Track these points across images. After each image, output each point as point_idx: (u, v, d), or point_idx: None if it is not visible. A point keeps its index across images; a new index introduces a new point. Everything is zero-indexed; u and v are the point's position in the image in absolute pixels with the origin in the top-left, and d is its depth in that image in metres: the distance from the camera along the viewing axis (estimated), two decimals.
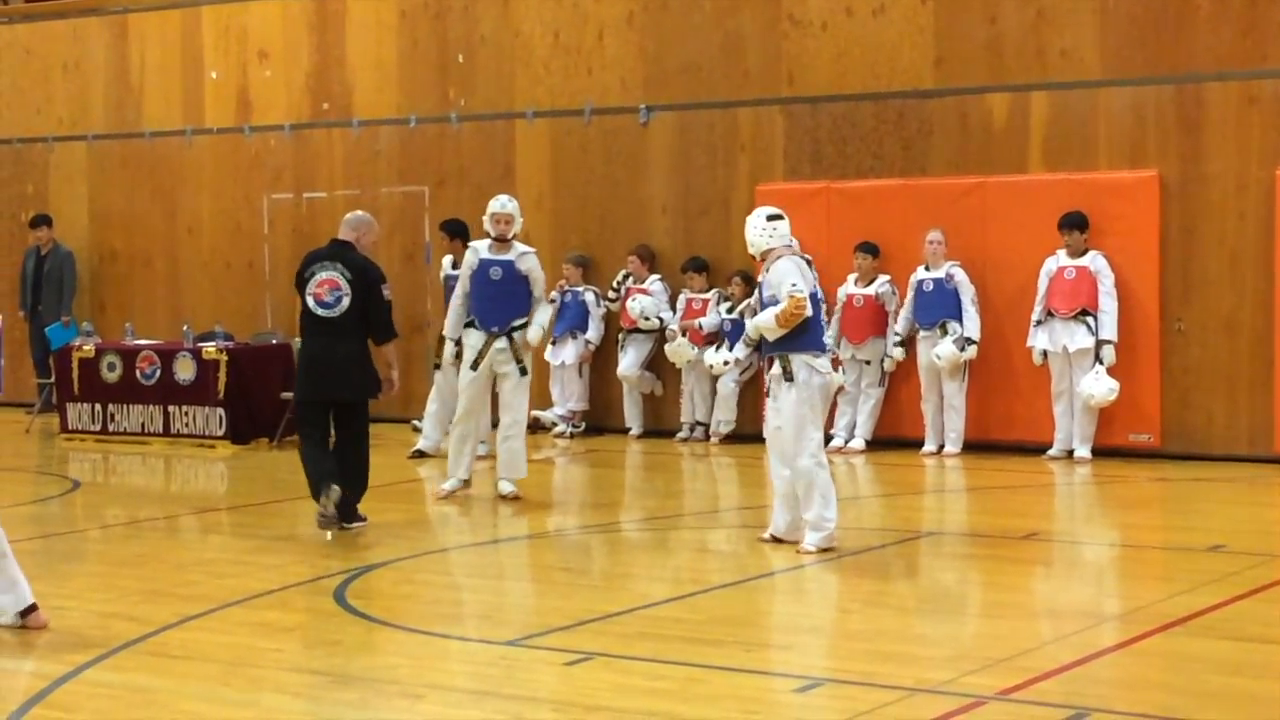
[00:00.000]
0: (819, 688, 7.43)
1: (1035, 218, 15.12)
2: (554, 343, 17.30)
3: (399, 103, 18.70)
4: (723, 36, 16.85)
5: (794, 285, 10.33)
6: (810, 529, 10.56)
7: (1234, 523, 12.14)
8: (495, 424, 16.11)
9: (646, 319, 16.77)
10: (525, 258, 12.95)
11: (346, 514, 11.54)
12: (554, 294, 17.21)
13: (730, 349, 16.24)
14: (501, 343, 12.83)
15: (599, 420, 17.47)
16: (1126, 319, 14.79)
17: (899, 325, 15.62)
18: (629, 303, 16.91)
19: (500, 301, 12.83)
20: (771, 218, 10.81)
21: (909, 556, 10.95)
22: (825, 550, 10.47)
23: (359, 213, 12.32)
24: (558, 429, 17.25)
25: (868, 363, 15.84)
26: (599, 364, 17.44)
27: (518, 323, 12.85)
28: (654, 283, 17.04)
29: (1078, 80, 15.24)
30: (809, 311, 10.43)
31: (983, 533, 11.88)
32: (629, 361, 17.05)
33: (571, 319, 17.29)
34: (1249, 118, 14.67)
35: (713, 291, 16.74)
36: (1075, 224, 14.92)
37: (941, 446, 15.44)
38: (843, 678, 7.63)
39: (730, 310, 16.46)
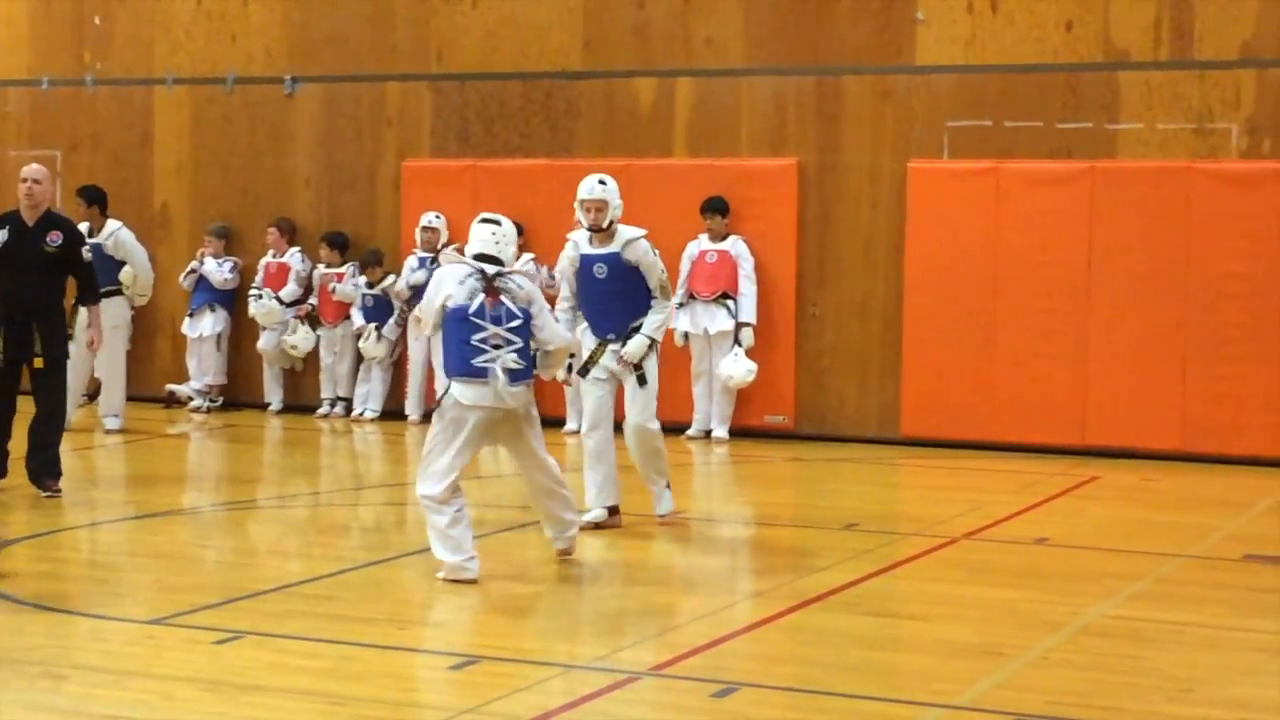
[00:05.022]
0: (474, 665, 7.45)
1: (678, 201, 15.38)
2: (191, 315, 16.96)
3: (30, 64, 18.03)
4: (371, 9, 16.70)
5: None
6: None
7: (865, 502, 12.60)
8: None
9: (277, 321, 16.60)
10: (632, 246, 10.65)
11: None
12: (193, 264, 16.90)
13: (379, 329, 16.24)
14: (618, 346, 10.69)
15: (237, 395, 17.16)
16: (765, 302, 15.19)
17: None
18: (250, 299, 16.68)
19: (612, 304, 10.71)
20: (483, 220, 9.37)
21: None
22: (456, 581, 9.04)
23: None
24: (194, 403, 16.91)
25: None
26: (238, 338, 17.12)
27: (637, 324, 10.71)
28: (293, 255, 16.82)
29: (722, 68, 15.57)
30: (423, 328, 9.52)
31: (624, 511, 12.02)
32: (270, 335, 16.78)
33: (209, 291, 16.95)
34: (882, 111, 15.18)
35: (348, 265, 16.61)
36: (717, 208, 15.24)
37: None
38: (497, 655, 7.66)
39: (370, 286, 16.39)
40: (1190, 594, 9.34)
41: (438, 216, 16.04)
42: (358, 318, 16.40)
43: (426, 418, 16.10)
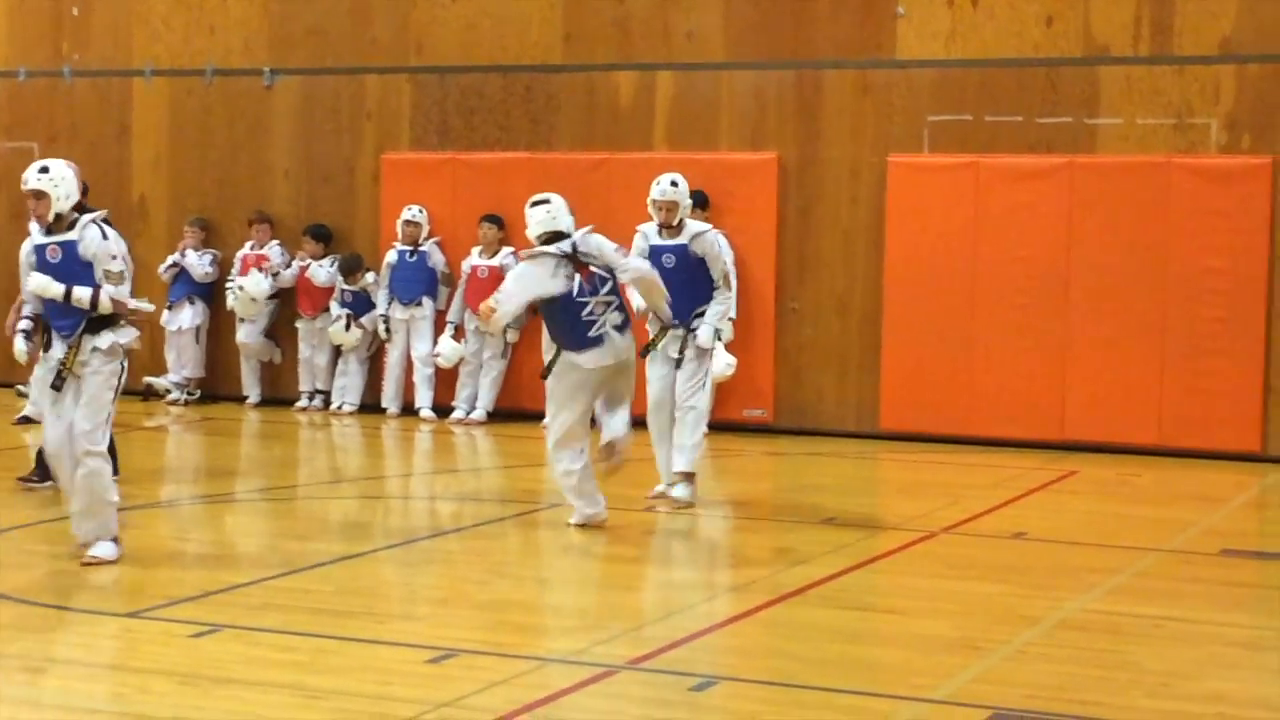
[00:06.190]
0: (452, 658, 7.44)
1: None
2: (170, 307, 16.91)
3: (7, 55, 17.97)
4: (350, 2, 16.66)
5: (498, 294, 10.24)
6: None
7: (844, 496, 12.59)
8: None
9: (252, 304, 16.53)
10: (700, 239, 11.40)
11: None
12: (173, 257, 16.86)
13: (351, 317, 16.22)
14: (680, 332, 11.37)
15: (216, 388, 17.12)
16: (744, 297, 15.17)
17: None
18: (228, 291, 16.63)
19: (677, 292, 11.08)
20: (534, 204, 10.31)
21: (532, 528, 11.02)
22: (585, 525, 10.55)
23: None
24: (171, 396, 16.87)
25: (490, 334, 15.88)
26: (217, 331, 17.08)
27: (700, 311, 11.39)
28: (272, 248, 16.78)
29: (702, 62, 15.56)
30: (496, 320, 10.25)
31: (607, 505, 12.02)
32: (248, 328, 16.74)
33: (188, 284, 16.91)
34: (863, 106, 15.18)
35: (328, 258, 16.57)
36: (697, 202, 15.15)
37: None
38: (475, 648, 7.64)
39: (350, 284, 16.40)
40: (1168, 588, 9.35)
41: (420, 210, 16.03)
42: (336, 311, 16.37)
43: (405, 411, 16.16)
